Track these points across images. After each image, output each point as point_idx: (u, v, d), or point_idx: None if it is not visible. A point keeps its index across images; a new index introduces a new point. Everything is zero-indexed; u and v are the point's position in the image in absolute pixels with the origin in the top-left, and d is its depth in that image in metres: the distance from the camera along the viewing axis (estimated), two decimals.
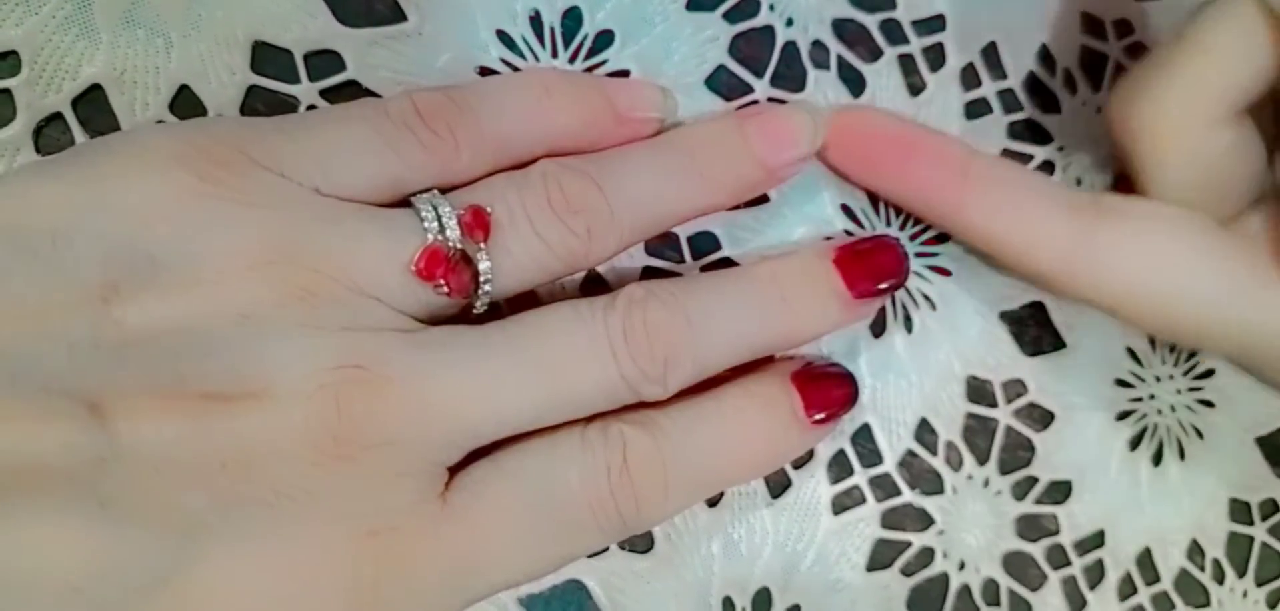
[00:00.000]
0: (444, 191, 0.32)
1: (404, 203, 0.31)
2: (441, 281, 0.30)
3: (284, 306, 0.29)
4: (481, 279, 0.31)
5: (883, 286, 0.35)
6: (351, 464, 0.28)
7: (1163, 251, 0.33)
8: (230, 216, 0.29)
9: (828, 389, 0.35)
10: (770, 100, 0.37)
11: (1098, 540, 0.39)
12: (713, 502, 0.37)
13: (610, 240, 0.33)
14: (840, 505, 0.38)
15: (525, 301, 0.35)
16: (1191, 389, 0.40)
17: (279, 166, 0.30)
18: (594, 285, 0.37)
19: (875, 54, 0.38)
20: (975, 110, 0.39)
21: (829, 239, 0.38)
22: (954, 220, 0.35)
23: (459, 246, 0.30)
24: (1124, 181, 0.37)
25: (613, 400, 0.32)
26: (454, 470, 0.31)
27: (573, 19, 0.36)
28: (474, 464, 0.31)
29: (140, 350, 0.28)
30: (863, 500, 0.38)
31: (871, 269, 0.34)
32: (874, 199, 0.38)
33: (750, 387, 0.34)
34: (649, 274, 0.37)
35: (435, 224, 0.30)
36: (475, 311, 0.32)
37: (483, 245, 0.31)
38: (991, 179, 0.34)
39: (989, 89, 0.39)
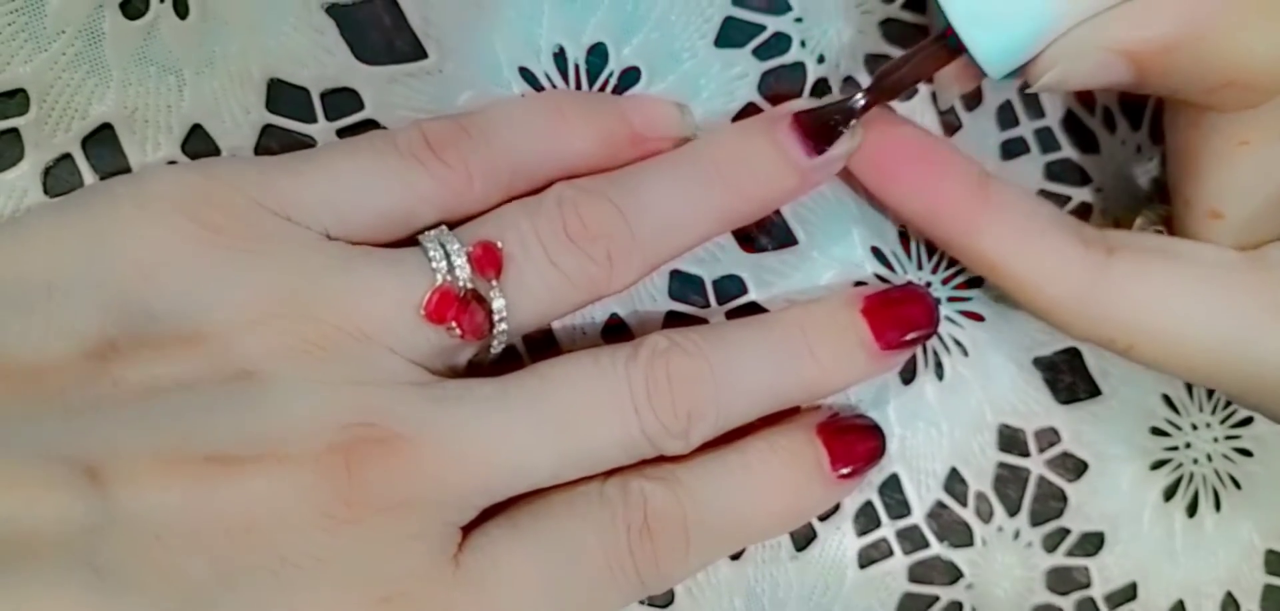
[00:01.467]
0: (457, 224, 0.30)
1: (416, 239, 0.30)
2: (453, 323, 0.28)
3: (291, 361, 0.27)
4: (496, 317, 0.29)
5: (911, 337, 0.32)
6: (362, 527, 0.27)
7: (1174, 287, 0.30)
8: (235, 266, 0.27)
9: (854, 442, 0.33)
10: None
11: (1130, 593, 0.37)
12: (736, 557, 0.35)
13: (634, 264, 0.31)
14: (867, 558, 0.36)
15: (546, 350, 0.34)
16: (1229, 437, 0.38)
17: (286, 210, 0.28)
18: (615, 332, 0.35)
19: (910, 91, 0.36)
20: (1012, 149, 0.36)
21: (860, 283, 0.35)
22: (965, 243, 0.32)
23: (469, 285, 0.28)
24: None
25: (632, 455, 0.30)
26: (468, 529, 0.29)
27: (598, 55, 0.34)
28: (488, 522, 0.29)
29: (140, 411, 0.26)
30: (890, 553, 0.36)
31: (900, 319, 0.32)
32: (904, 240, 0.36)
33: (774, 441, 0.32)
34: (672, 318, 0.35)
35: (444, 263, 0.28)
36: (493, 351, 0.30)
37: (495, 281, 0.29)
38: (1007, 205, 0.32)
39: (1026, 128, 0.36)
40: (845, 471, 0.32)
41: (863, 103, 0.30)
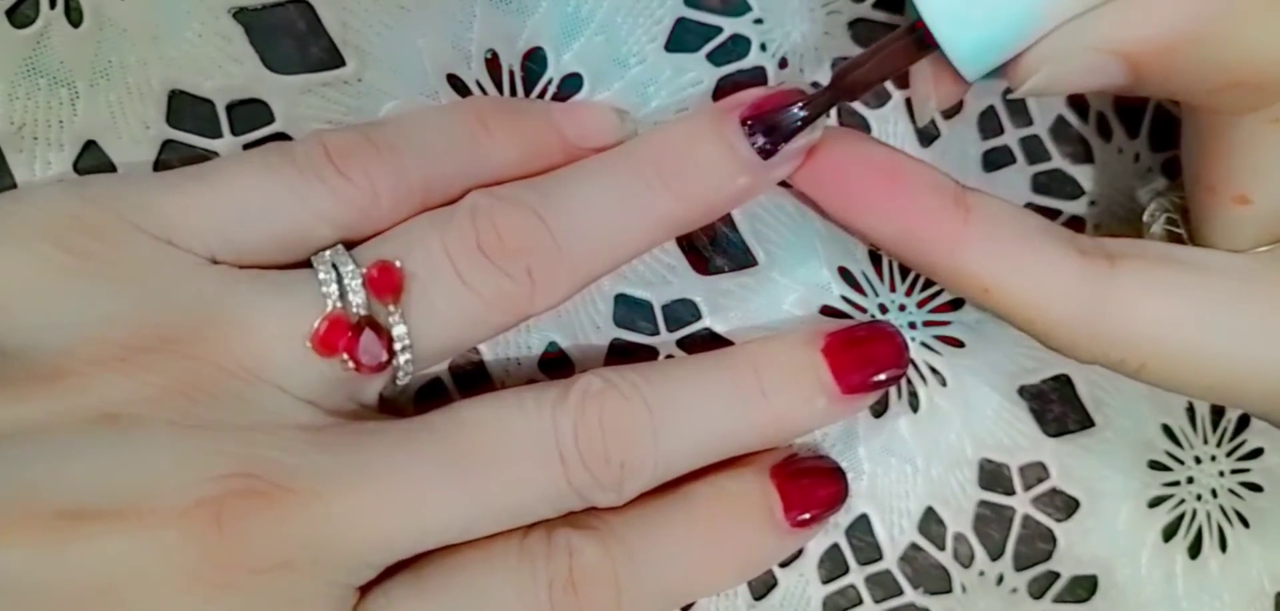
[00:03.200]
0: (355, 244, 0.26)
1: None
2: (345, 355, 0.24)
3: (161, 403, 0.23)
4: (397, 345, 0.25)
5: (877, 380, 0.28)
6: (236, 593, 0.23)
7: (1188, 299, 0.25)
8: (102, 297, 0.24)
9: (813, 487, 0.29)
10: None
11: None
12: (686, 606, 0.31)
13: (560, 280, 0.26)
14: (833, 606, 0.32)
15: (477, 383, 0.30)
16: (1236, 470, 0.33)
17: (167, 232, 0.24)
18: (555, 364, 0.31)
19: (882, 98, 0.32)
20: (995, 160, 0.32)
21: (826, 308, 0.31)
22: (948, 265, 0.26)
23: (363, 311, 0.25)
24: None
25: (558, 508, 0.26)
26: (367, 587, 0.25)
27: (536, 61, 0.30)
28: (390, 580, 0.25)
29: None
30: (859, 601, 0.32)
31: (865, 359, 0.28)
32: (876, 261, 0.32)
33: (723, 486, 0.28)
34: (618, 348, 0.31)
35: (335, 286, 0.25)
36: (399, 383, 0.26)
37: (394, 305, 0.25)
38: (991, 218, 0.26)
39: (1011, 136, 0.32)
40: (802, 518, 0.28)
41: (819, 104, 0.26)
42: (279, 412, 0.24)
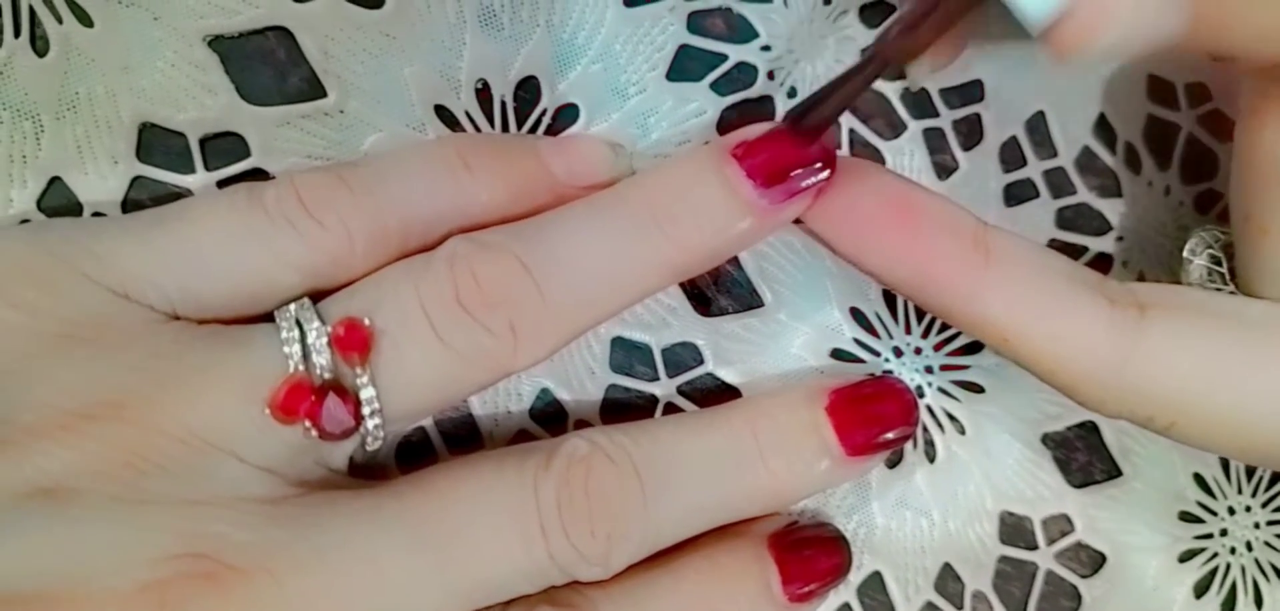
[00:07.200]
0: (329, 293, 0.23)
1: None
2: (307, 421, 0.21)
3: (104, 476, 0.20)
4: (365, 410, 0.22)
5: (885, 439, 0.25)
6: None
7: (1224, 353, 0.22)
8: (46, 357, 0.21)
9: (813, 558, 0.25)
10: None
11: None
12: None
13: (545, 335, 0.23)
14: None
15: (465, 434, 0.27)
16: (1272, 522, 0.30)
17: (122, 284, 0.21)
18: (547, 415, 0.27)
19: (897, 128, 0.28)
20: (1017, 194, 0.29)
21: (837, 352, 0.28)
22: (966, 312, 0.23)
23: (327, 374, 0.21)
24: None
25: (537, 584, 0.23)
26: None
27: (529, 90, 0.27)
28: None
29: None
30: None
31: (872, 418, 0.25)
32: (890, 301, 0.28)
33: (716, 558, 0.24)
34: (614, 397, 0.27)
35: (298, 346, 0.21)
36: (369, 449, 0.23)
37: (361, 367, 0.22)
38: (1013, 261, 0.23)
39: (1034, 169, 0.29)
40: (802, 592, 0.25)
41: (866, 75, 0.22)
42: (234, 484, 0.21)
